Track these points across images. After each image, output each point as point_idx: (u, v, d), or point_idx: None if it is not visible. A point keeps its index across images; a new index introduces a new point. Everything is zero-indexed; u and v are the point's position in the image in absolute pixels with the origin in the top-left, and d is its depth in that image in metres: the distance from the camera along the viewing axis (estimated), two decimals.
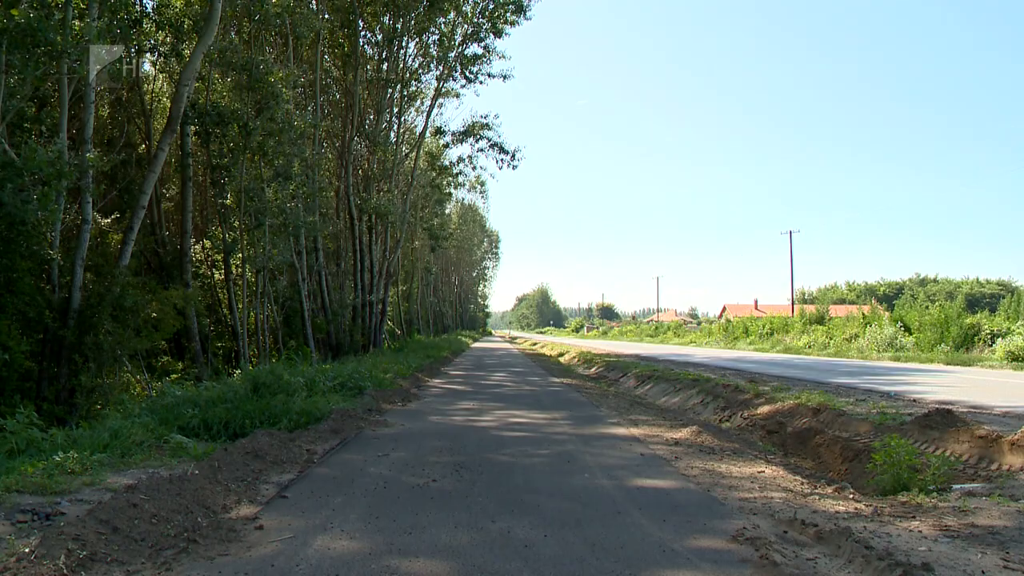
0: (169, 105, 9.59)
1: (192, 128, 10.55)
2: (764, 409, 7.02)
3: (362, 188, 18.01)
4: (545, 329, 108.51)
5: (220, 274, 13.33)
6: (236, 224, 11.23)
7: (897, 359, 15.71)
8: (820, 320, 24.82)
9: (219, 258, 12.91)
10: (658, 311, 68.20)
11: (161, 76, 12.73)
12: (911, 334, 18.08)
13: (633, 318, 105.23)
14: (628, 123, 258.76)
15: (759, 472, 4.06)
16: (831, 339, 21.04)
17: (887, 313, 21.52)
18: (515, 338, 58.87)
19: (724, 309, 63.32)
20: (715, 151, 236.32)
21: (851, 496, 3.53)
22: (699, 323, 58.97)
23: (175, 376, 9.46)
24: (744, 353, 21.59)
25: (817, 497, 3.44)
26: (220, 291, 13.39)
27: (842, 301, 55.10)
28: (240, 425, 5.16)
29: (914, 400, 7.15)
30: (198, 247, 13.57)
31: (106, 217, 10.18)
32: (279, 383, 6.37)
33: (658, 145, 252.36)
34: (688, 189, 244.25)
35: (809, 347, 21.19)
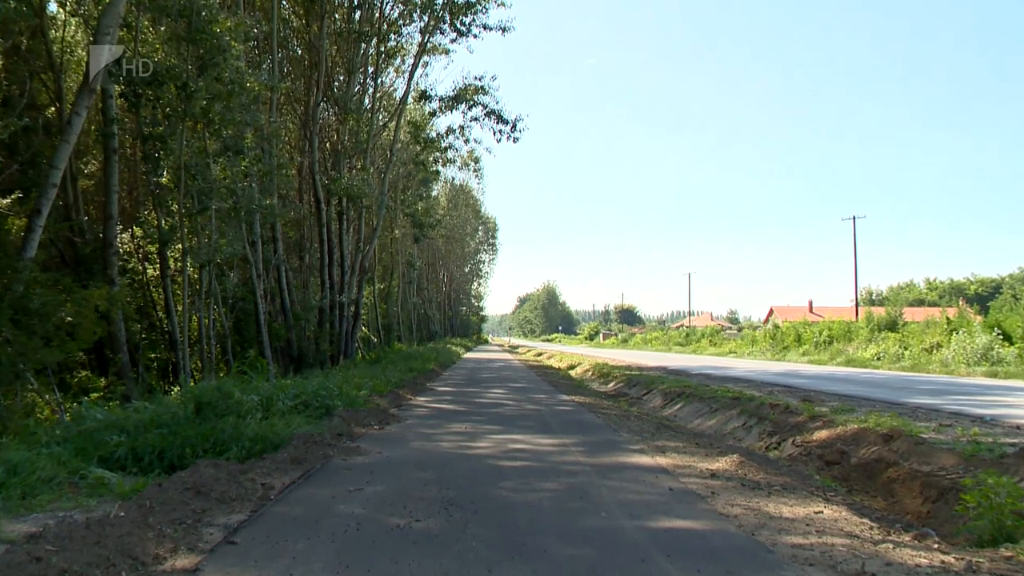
0: (86, 59, 8.68)
1: (117, 88, 10.17)
2: (822, 435, 6.97)
3: (330, 165, 17.98)
4: (552, 336, 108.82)
5: (154, 269, 13.31)
6: (174, 208, 11.17)
7: (993, 375, 15.32)
8: (892, 326, 24.29)
9: (153, 250, 12.87)
10: (689, 314, 68.32)
11: (74, 21, 12.34)
12: (1012, 344, 17.46)
13: (659, 323, 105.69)
14: (649, 89, 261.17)
15: (816, 512, 4.01)
16: (906, 349, 20.72)
17: (979, 317, 21.16)
18: (516, 347, 58.92)
19: (771, 312, 63.38)
20: (758, 122, 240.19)
21: (936, 546, 3.43)
22: (740, 329, 59.00)
23: (96, 395, 9.37)
24: (796, 366, 21.50)
25: (891, 546, 3.37)
26: (154, 290, 13.37)
27: (920, 302, 54.59)
28: (179, 454, 5.12)
29: (1017, 427, 6.91)
30: (126, 236, 13.54)
31: (4, 197, 9.75)
32: (228, 402, 6.35)
33: (686, 116, 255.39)
34: (725, 169, 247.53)
35: (878, 359, 20.96)
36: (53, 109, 11.65)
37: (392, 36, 18.40)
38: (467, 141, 22.68)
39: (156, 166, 10.60)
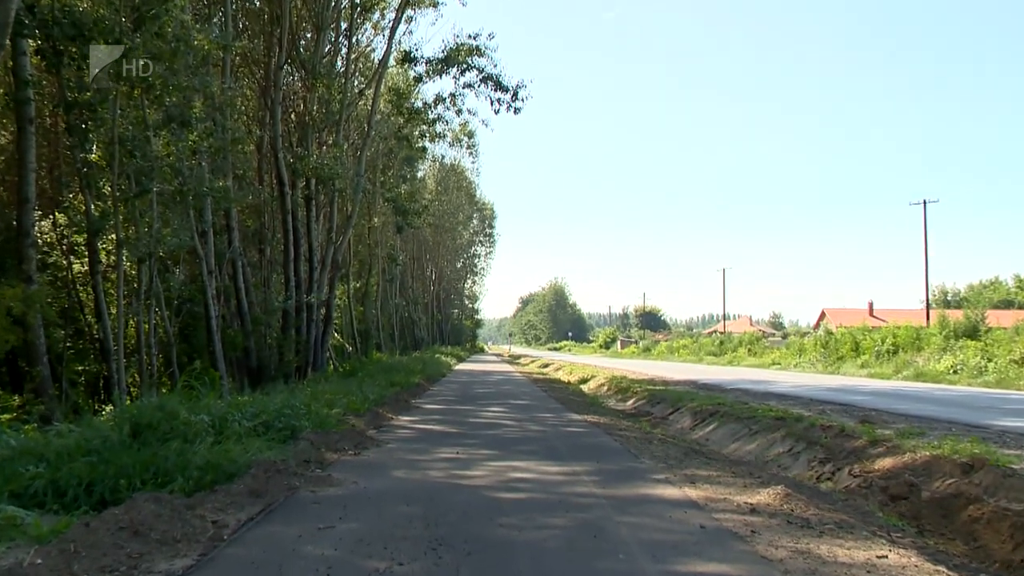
0: None
1: (32, 44, 9.84)
2: (885, 463, 6.92)
3: (296, 140, 17.96)
4: (561, 344, 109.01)
5: (82, 264, 13.24)
6: (107, 190, 11.11)
7: None
8: (972, 332, 23.84)
9: (81, 241, 12.80)
10: (724, 318, 68.32)
11: None
12: None
13: (688, 328, 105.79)
14: (681, 50, 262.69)
15: (879, 557, 3.97)
16: (990, 361, 20.47)
17: None
18: (518, 357, 59.00)
19: (822, 316, 63.37)
20: (810, 91, 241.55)
21: None
22: (785, 336, 59.05)
23: (8, 417, 9.27)
24: (853, 380, 21.47)
25: None
26: (82, 290, 13.31)
27: (1008, 304, 53.15)
28: (111, 487, 5.06)
29: None
30: (46, 224, 13.46)
31: None
32: (172, 424, 6.31)
33: (725, 84, 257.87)
34: (768, 149, 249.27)
35: (954, 372, 20.79)
36: None
37: None
38: (459, 112, 22.69)
39: (83, 140, 10.47)
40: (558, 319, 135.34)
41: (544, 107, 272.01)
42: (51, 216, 13.53)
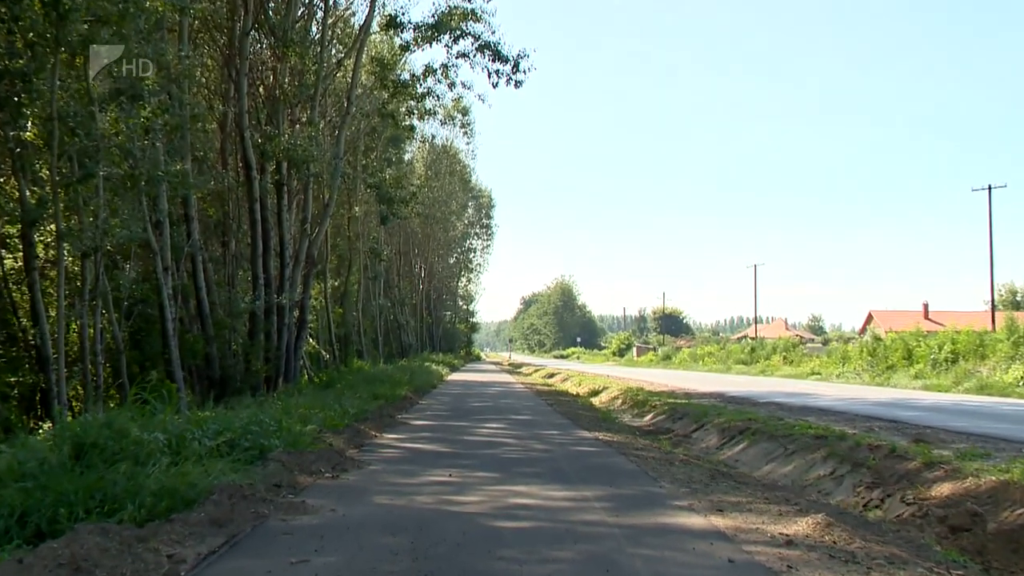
0: None
1: None
2: (943, 489, 6.89)
3: (265, 118, 17.93)
4: (568, 351, 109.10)
5: (15, 259, 13.18)
6: (45, 174, 11.06)
7: None
8: None
9: (14, 232, 12.71)
10: (755, 322, 68.41)
11: None
12: None
13: (714, 333, 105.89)
14: (705, 28, 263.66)
15: None
16: None
17: None
18: (519, 366, 59.08)
19: (869, 319, 63.42)
20: (855, 68, 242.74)
21: None
22: (826, 342, 59.09)
23: None
24: (905, 393, 21.46)
25: None
26: (15, 289, 13.25)
27: None
28: (50, 517, 5.04)
29: None
30: None
31: None
32: (122, 443, 6.28)
33: (759, 58, 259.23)
34: (806, 131, 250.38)
35: None
36: None
37: None
38: (452, 86, 22.67)
39: (16, 115, 10.36)
40: (565, 322, 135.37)
41: (550, 85, 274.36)
42: None
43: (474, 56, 19.57)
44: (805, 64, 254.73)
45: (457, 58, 20.16)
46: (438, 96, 23.96)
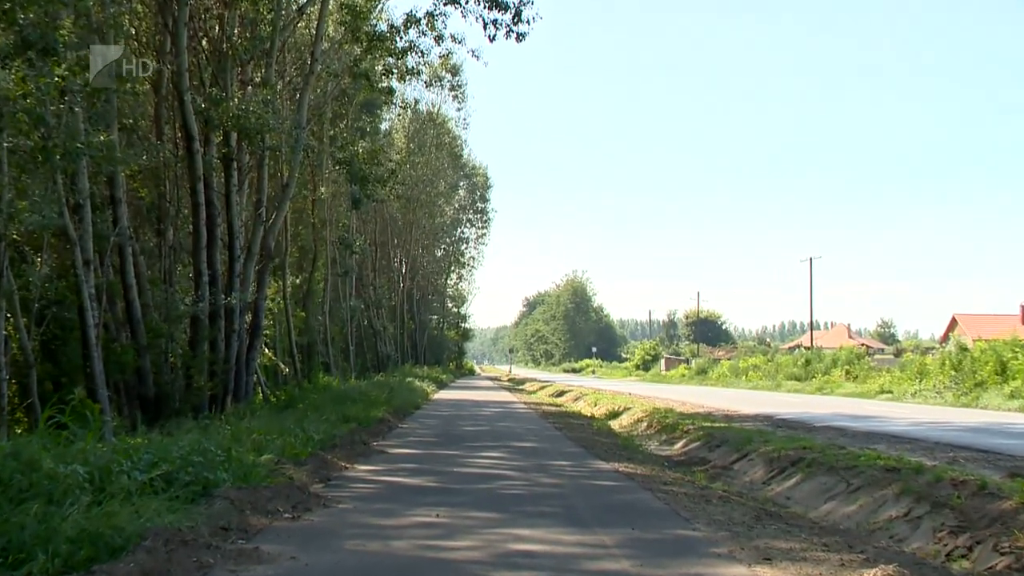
0: None
1: None
2: None
3: (210, 78, 17.90)
4: (582, 363, 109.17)
5: None
6: None
7: None
8: None
9: None
10: (811, 328, 68.29)
11: None
12: None
13: (759, 341, 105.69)
14: None
15: None
16: None
17: None
18: (521, 381, 59.07)
19: (953, 324, 63.21)
20: (929, 20, 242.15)
21: None
22: (898, 352, 58.95)
23: None
24: (999, 415, 21.42)
25: None
26: None
27: None
28: None
29: None
30: None
31: None
32: (32, 478, 6.25)
33: (799, 11, 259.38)
34: (868, 96, 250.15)
35: None
36: None
37: None
38: (440, 39, 22.52)
39: None
40: (578, 329, 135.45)
41: (559, 45, 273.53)
42: None
43: (466, 2, 19.50)
44: (879, 22, 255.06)
45: (445, 4, 20.09)
46: (422, 52, 23.85)
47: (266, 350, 24.83)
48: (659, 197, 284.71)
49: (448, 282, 73.08)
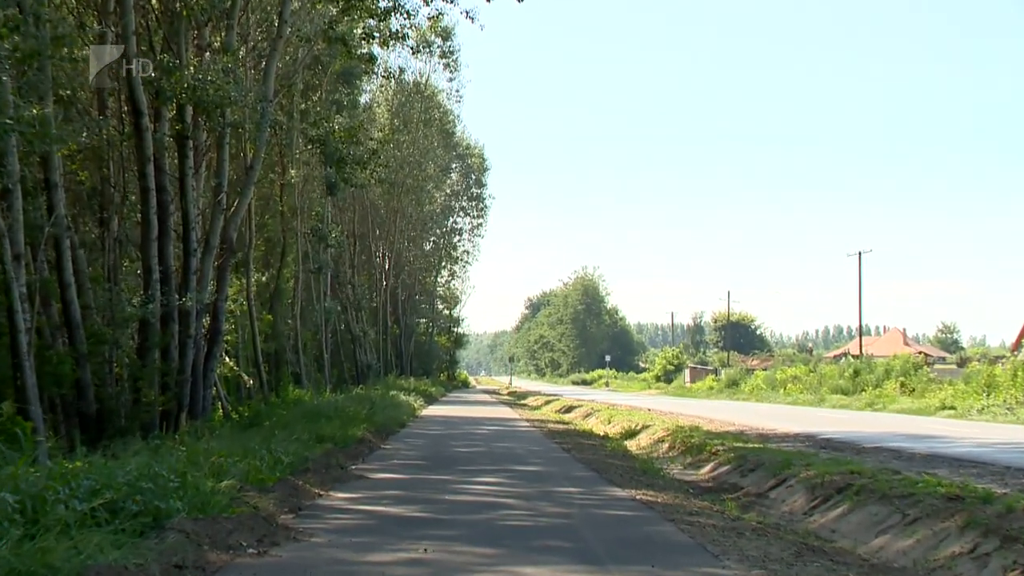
0: None
1: None
2: None
3: (161, 43, 17.87)
4: (594, 374, 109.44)
5: None
6: None
7: None
8: None
9: None
10: (859, 333, 68.37)
11: None
12: None
13: (800, 349, 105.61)
14: None
15: None
16: None
17: None
18: (523, 395, 59.11)
19: None
20: None
21: None
22: (963, 362, 58.80)
23: None
24: None
25: None
26: None
27: None
28: None
29: None
30: None
31: None
32: None
33: None
34: (925, 73, 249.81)
35: None
36: None
37: None
38: None
39: None
40: (589, 334, 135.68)
41: (565, 10, 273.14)
42: None
43: None
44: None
45: None
46: (408, 13, 23.78)
47: (227, 359, 24.79)
48: (684, 188, 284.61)
49: (438, 280, 73.06)
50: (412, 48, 37.81)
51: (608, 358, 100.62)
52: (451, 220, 66.49)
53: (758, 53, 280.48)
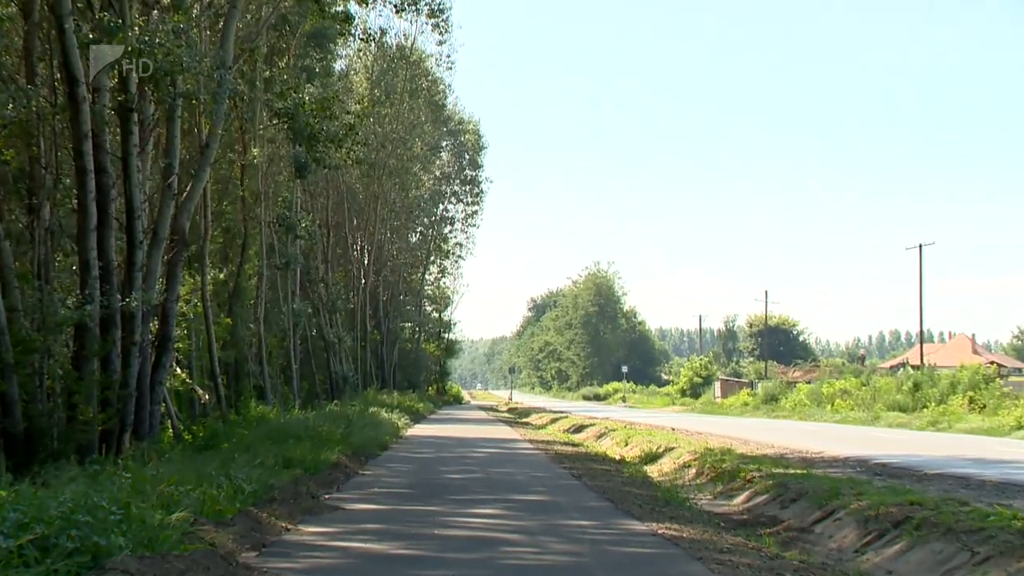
0: None
1: None
2: None
3: (101, 1, 17.83)
4: (609, 387, 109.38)
5: None
6: None
7: None
8: None
9: None
10: (920, 340, 68.34)
11: None
12: None
13: (851, 357, 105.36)
14: None
15: None
16: None
17: None
18: (526, 412, 59.09)
19: None
20: None
21: None
22: None
23: None
24: None
25: None
26: None
27: None
28: None
29: None
30: None
31: None
32: None
33: None
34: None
35: None
36: None
37: None
38: None
39: None
40: (603, 341, 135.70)
41: None
42: None
43: None
44: None
45: None
46: None
47: (178, 370, 24.73)
48: (710, 165, 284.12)
49: (426, 278, 73.05)
50: (395, 5, 37.75)
51: (625, 369, 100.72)
52: (441, 207, 66.65)
53: (805, 29, 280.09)
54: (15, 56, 17.81)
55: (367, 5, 29.25)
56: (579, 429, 37.10)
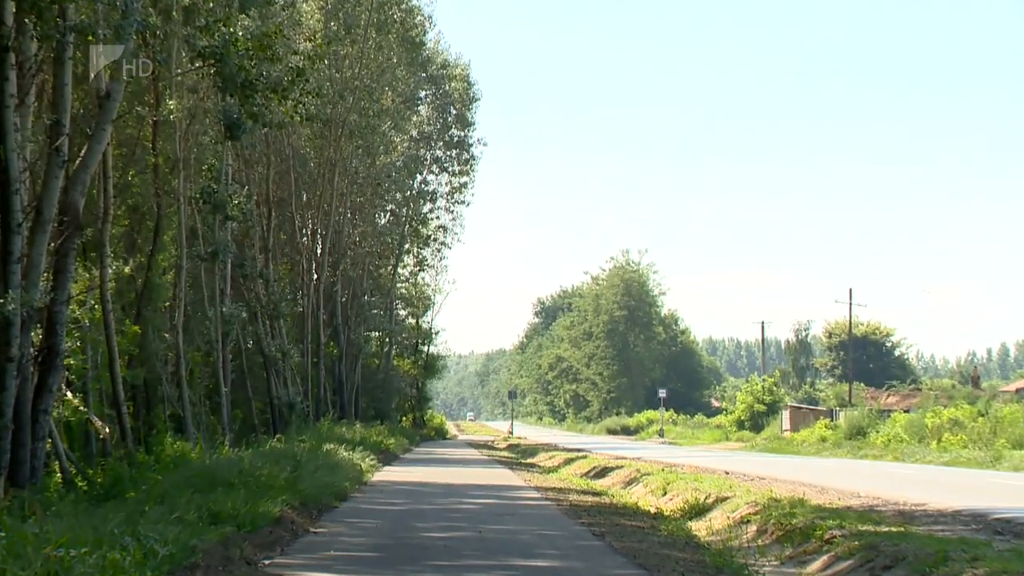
0: None
1: None
2: None
3: None
4: (642, 417, 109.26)
5: None
6: None
7: None
8: None
9: None
10: None
11: None
12: None
13: (964, 379, 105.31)
14: None
15: None
16: None
17: None
18: (531, 450, 59.16)
19: None
20: None
21: None
22: None
23: None
24: None
25: None
26: None
27: None
28: None
29: None
30: None
31: None
32: None
33: None
34: None
35: None
36: None
37: None
38: None
39: None
40: (633, 355, 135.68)
41: None
42: None
43: None
44: None
45: None
46: None
47: (69, 395, 24.77)
48: (770, 133, 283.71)
49: (400, 272, 73.07)
50: None
51: (663, 393, 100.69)
52: (419, 178, 66.65)
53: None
54: None
55: None
56: (602, 473, 37.13)
